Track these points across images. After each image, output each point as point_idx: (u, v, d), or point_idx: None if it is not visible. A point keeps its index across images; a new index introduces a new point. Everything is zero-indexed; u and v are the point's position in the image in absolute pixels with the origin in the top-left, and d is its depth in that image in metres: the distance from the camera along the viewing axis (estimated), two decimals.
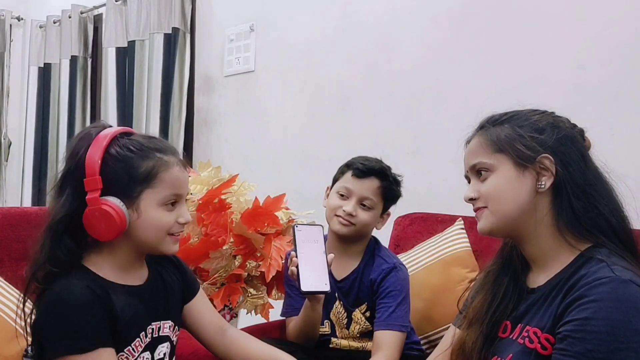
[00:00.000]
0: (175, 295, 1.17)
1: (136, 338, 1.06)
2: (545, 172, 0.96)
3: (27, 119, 3.75)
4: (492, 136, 1.00)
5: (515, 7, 1.96)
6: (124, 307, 1.03)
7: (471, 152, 1.03)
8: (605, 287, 0.85)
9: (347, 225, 1.45)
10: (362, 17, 2.37)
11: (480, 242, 1.70)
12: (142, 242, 1.06)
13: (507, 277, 1.05)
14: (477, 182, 1.01)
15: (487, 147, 1.00)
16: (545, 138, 0.96)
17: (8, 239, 1.46)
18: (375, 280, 1.47)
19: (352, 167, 1.47)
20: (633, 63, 1.71)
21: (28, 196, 3.69)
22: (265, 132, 2.72)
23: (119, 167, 1.01)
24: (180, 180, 1.06)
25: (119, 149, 1.02)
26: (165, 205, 1.04)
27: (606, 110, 1.72)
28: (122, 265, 1.07)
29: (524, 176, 0.96)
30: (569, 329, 0.86)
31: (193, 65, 2.98)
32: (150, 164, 1.02)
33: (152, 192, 1.02)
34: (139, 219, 1.02)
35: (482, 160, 0.99)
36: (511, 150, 0.97)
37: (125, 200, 1.01)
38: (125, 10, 3.21)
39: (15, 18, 3.88)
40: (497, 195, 0.98)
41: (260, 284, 1.79)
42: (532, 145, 0.96)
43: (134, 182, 1.01)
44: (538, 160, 0.95)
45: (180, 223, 1.07)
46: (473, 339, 1.03)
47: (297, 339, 1.47)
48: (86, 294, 0.98)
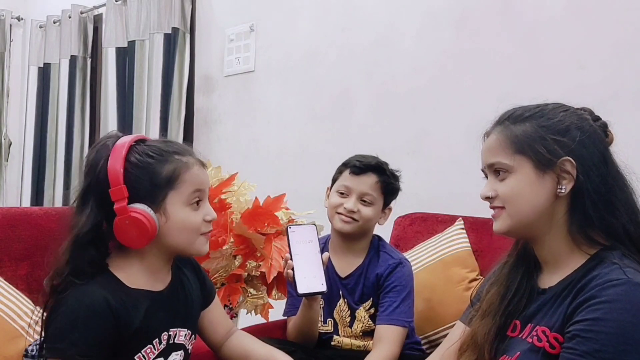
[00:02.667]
0: (194, 303, 1.17)
1: (148, 345, 1.06)
2: (566, 175, 0.93)
3: (27, 119, 3.75)
4: (512, 136, 0.96)
5: (515, 7, 1.96)
6: (140, 314, 1.03)
7: (490, 150, 0.99)
8: (617, 289, 0.84)
9: (349, 222, 1.47)
10: (362, 17, 2.37)
11: (480, 242, 1.70)
12: (173, 245, 1.06)
13: (521, 272, 1.04)
14: (495, 180, 0.98)
15: (506, 147, 0.96)
16: (567, 141, 0.93)
17: (8, 239, 1.46)
18: (382, 275, 1.48)
19: (349, 165, 1.50)
20: (633, 63, 1.71)
21: (28, 196, 3.69)
22: (265, 132, 2.72)
23: (140, 173, 1.02)
24: (201, 179, 1.07)
25: (138, 156, 1.03)
26: (191, 205, 1.05)
27: (606, 110, 1.71)
28: (150, 270, 1.08)
29: (544, 179, 0.94)
30: (578, 328, 0.85)
31: (193, 65, 2.98)
32: (171, 167, 1.03)
33: (176, 193, 1.03)
34: (167, 223, 1.03)
35: (502, 160, 0.97)
36: (532, 152, 0.94)
37: (152, 205, 1.02)
38: (125, 10, 3.21)
39: (15, 18, 3.88)
40: (515, 198, 0.95)
41: (260, 284, 1.79)
42: (553, 148, 0.93)
43: (157, 187, 1.02)
44: (559, 164, 0.93)
45: (206, 221, 1.08)
46: (486, 330, 1.02)
47: (297, 338, 1.48)
48: (98, 306, 0.98)
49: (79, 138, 3.47)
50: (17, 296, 1.38)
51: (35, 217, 1.53)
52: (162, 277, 1.11)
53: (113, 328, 1.00)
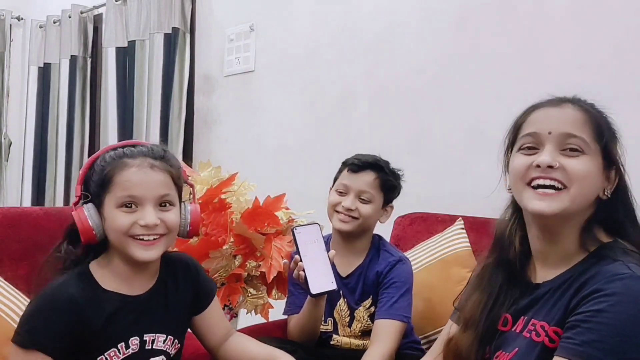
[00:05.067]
0: (178, 309, 1.16)
1: (112, 348, 1.06)
2: (611, 181, 0.95)
3: (27, 119, 3.75)
4: (596, 120, 0.94)
5: (515, 7, 1.96)
6: (104, 316, 1.05)
7: (572, 122, 0.93)
8: (622, 282, 0.85)
9: (348, 222, 1.47)
10: (362, 17, 2.37)
11: (480, 242, 1.70)
12: (115, 247, 1.08)
13: (502, 273, 1.04)
14: (560, 154, 0.93)
15: (588, 128, 0.93)
16: (620, 153, 0.96)
17: (8, 239, 1.46)
18: (382, 273, 1.48)
19: (347, 163, 1.51)
20: (633, 63, 1.71)
21: (28, 196, 3.69)
22: (265, 132, 2.72)
23: (93, 176, 1.07)
24: (132, 182, 1.03)
25: (101, 160, 1.07)
26: (122, 207, 1.04)
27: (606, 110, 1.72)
28: (119, 272, 1.09)
29: (602, 177, 0.94)
30: (579, 319, 0.86)
31: (193, 65, 2.98)
32: (107, 168, 1.05)
33: (110, 195, 1.05)
34: (106, 224, 1.06)
35: (585, 138, 0.92)
36: (605, 148, 0.93)
37: (99, 207, 1.06)
38: (125, 10, 3.21)
39: (15, 18, 3.88)
40: (584, 180, 0.92)
41: (260, 284, 1.79)
42: (616, 151, 0.95)
43: (99, 189, 1.05)
44: (615, 168, 0.95)
45: (140, 225, 1.04)
46: (468, 343, 1.03)
47: (299, 336, 1.48)
48: (61, 301, 1.02)
49: (79, 138, 3.47)
50: (17, 296, 1.38)
51: (35, 217, 1.53)
52: (138, 282, 1.11)
53: (73, 324, 1.02)
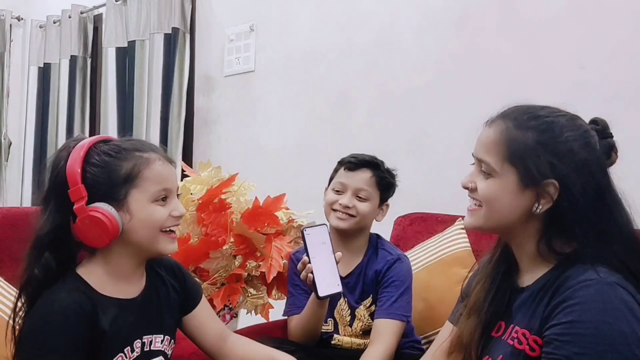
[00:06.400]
0: (170, 309, 1.15)
1: (119, 353, 1.04)
2: (546, 196, 0.92)
3: (27, 119, 3.74)
4: (509, 140, 0.94)
5: (515, 7, 1.96)
6: (109, 322, 1.02)
7: (484, 145, 0.98)
8: (589, 290, 0.84)
9: (346, 219, 1.47)
10: (361, 17, 2.37)
11: (480, 242, 1.70)
12: (137, 244, 1.04)
13: (502, 269, 1.05)
14: (479, 174, 0.98)
15: (500, 150, 0.95)
16: (561, 165, 0.91)
17: (8, 239, 1.46)
18: (380, 271, 1.49)
19: (343, 162, 1.53)
20: (633, 62, 1.71)
21: (28, 196, 3.69)
22: (265, 132, 2.72)
23: (99, 172, 1.01)
24: (164, 175, 1.05)
25: (97, 155, 1.03)
26: (157, 201, 1.04)
27: (606, 110, 1.71)
28: (117, 275, 1.06)
29: (524, 194, 0.93)
30: (555, 332, 0.86)
31: (193, 65, 2.98)
32: (130, 164, 1.02)
33: (139, 191, 1.02)
34: (131, 221, 1.02)
35: (490, 162, 0.95)
36: (522, 165, 0.93)
37: (114, 203, 1.01)
38: (125, 10, 3.21)
39: (15, 18, 3.87)
40: (493, 201, 0.96)
41: (260, 284, 1.79)
42: (544, 169, 0.91)
43: (117, 185, 1.01)
44: (544, 184, 0.92)
45: (173, 216, 1.05)
46: (472, 329, 1.03)
47: (301, 337, 1.47)
48: (70, 309, 0.98)
49: None
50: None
51: (35, 217, 1.52)
52: (133, 283, 1.09)
53: (88, 330, 0.99)
